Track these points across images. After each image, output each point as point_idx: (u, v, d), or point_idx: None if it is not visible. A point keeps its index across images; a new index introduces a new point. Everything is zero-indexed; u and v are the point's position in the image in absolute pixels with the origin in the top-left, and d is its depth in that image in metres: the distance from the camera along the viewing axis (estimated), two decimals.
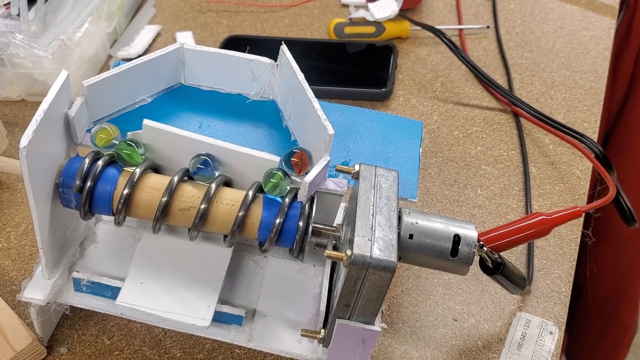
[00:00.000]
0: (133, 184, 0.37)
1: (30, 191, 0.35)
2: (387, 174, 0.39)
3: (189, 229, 0.38)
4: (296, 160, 0.38)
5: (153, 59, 0.42)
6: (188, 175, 0.39)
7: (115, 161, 0.39)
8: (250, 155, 0.38)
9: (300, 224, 0.37)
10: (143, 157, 0.39)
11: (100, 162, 0.38)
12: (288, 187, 0.38)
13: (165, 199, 0.37)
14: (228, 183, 0.40)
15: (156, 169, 0.40)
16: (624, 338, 1.04)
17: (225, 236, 0.39)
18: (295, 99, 0.42)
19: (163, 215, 0.37)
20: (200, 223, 0.37)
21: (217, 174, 0.39)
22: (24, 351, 0.42)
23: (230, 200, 0.38)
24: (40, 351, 0.43)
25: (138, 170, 0.38)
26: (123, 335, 0.45)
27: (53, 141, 0.38)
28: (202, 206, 0.37)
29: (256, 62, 0.44)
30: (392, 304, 0.48)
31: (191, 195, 0.38)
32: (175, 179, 0.38)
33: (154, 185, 0.38)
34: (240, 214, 0.37)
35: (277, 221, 0.37)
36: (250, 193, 0.37)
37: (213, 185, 0.38)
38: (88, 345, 0.45)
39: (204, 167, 0.38)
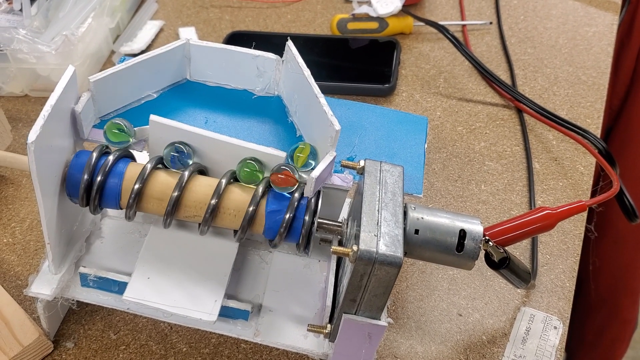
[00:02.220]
0: (105, 172, 0.37)
1: (37, 186, 0.35)
2: (392, 169, 0.39)
3: (163, 218, 0.38)
4: (282, 177, 0.38)
5: (159, 55, 0.42)
6: (163, 164, 0.39)
7: (124, 155, 0.39)
8: (256, 150, 0.38)
9: (287, 216, 0.37)
10: (131, 140, 0.39)
11: (149, 165, 0.38)
12: (261, 176, 0.38)
13: (137, 186, 0.37)
14: (203, 172, 0.40)
15: (132, 157, 0.40)
16: (624, 333, 1.04)
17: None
18: (301, 95, 0.42)
19: (135, 202, 0.37)
20: (174, 210, 0.37)
21: (191, 162, 0.39)
22: (31, 346, 0.42)
23: (203, 188, 0.38)
24: (46, 346, 0.43)
25: (111, 158, 0.38)
26: (129, 330, 0.46)
27: (60, 136, 0.38)
28: (175, 194, 0.37)
29: (262, 58, 0.44)
30: (397, 299, 0.48)
31: (165, 183, 0.38)
32: (149, 166, 0.38)
33: (131, 174, 0.38)
34: (213, 201, 0.37)
35: (250, 209, 0.37)
36: (224, 181, 0.38)
37: (186, 173, 0.38)
38: (94, 340, 0.45)
39: (177, 155, 0.38)
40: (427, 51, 0.70)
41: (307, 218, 0.38)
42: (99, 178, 0.37)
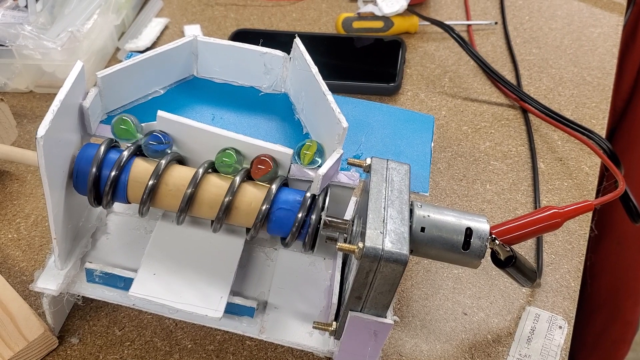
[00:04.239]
0: (99, 165, 0.38)
1: (46, 181, 0.35)
2: (398, 167, 0.39)
3: (139, 206, 0.38)
4: (261, 167, 0.38)
5: (166, 51, 0.42)
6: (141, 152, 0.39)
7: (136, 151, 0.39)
8: (263, 147, 0.38)
9: (264, 207, 0.37)
10: (138, 136, 0.39)
11: (125, 153, 0.38)
12: (239, 167, 0.38)
13: (114, 173, 0.37)
14: (181, 161, 0.40)
15: (116, 145, 0.40)
16: (625, 335, 1.04)
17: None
18: (308, 92, 0.42)
19: (111, 189, 0.37)
20: (149, 199, 0.38)
21: (169, 150, 0.39)
22: (36, 341, 0.42)
23: (181, 177, 0.38)
24: (51, 341, 0.43)
25: (103, 148, 0.38)
26: (134, 326, 0.46)
27: (68, 132, 0.38)
28: (150, 182, 0.37)
29: (269, 55, 0.44)
30: (402, 297, 0.48)
31: (143, 171, 0.38)
32: (126, 153, 0.38)
33: (137, 169, 0.38)
34: (189, 191, 0.37)
35: (226, 199, 0.37)
36: (201, 171, 0.38)
37: (163, 162, 0.38)
38: (99, 336, 0.45)
39: (154, 144, 0.38)
40: (433, 50, 0.70)
41: (313, 217, 0.38)
42: (93, 169, 0.37)
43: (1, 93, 0.64)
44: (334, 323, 0.39)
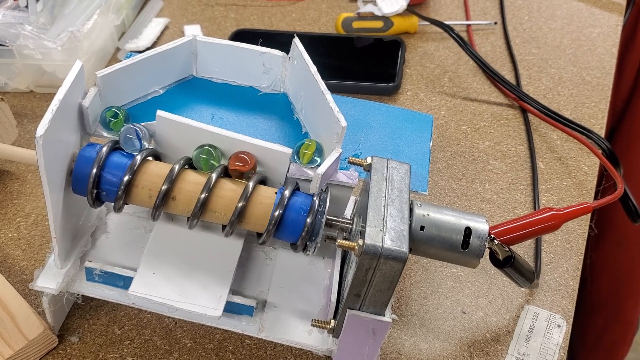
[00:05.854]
0: (100, 166, 0.38)
1: (45, 180, 0.36)
2: (399, 166, 0.39)
3: (114, 203, 0.38)
4: (240, 164, 0.38)
5: (166, 51, 0.43)
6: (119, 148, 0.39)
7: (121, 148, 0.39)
8: (262, 147, 0.39)
9: (240, 204, 0.37)
10: (123, 125, 0.40)
11: (104, 149, 0.38)
12: (216, 164, 0.38)
13: (94, 170, 0.37)
14: (158, 156, 0.40)
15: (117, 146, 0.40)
16: (625, 334, 1.04)
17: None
18: (307, 92, 0.42)
19: (94, 187, 0.37)
20: (123, 195, 0.38)
21: (146, 145, 0.39)
22: (36, 340, 0.42)
23: (158, 173, 0.38)
24: (51, 340, 0.44)
25: (105, 150, 0.38)
26: (134, 325, 0.46)
27: (67, 131, 0.38)
28: (126, 178, 0.37)
29: (268, 55, 0.44)
30: (401, 296, 0.48)
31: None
32: (105, 149, 0.38)
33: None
34: (164, 187, 0.37)
35: (202, 196, 0.37)
36: (177, 167, 0.38)
37: (138, 157, 0.38)
38: (99, 335, 0.45)
39: (131, 138, 0.38)
40: (432, 50, 0.70)
41: (309, 220, 0.37)
42: (93, 170, 0.37)
43: (2, 93, 0.65)
44: (333, 321, 0.39)
